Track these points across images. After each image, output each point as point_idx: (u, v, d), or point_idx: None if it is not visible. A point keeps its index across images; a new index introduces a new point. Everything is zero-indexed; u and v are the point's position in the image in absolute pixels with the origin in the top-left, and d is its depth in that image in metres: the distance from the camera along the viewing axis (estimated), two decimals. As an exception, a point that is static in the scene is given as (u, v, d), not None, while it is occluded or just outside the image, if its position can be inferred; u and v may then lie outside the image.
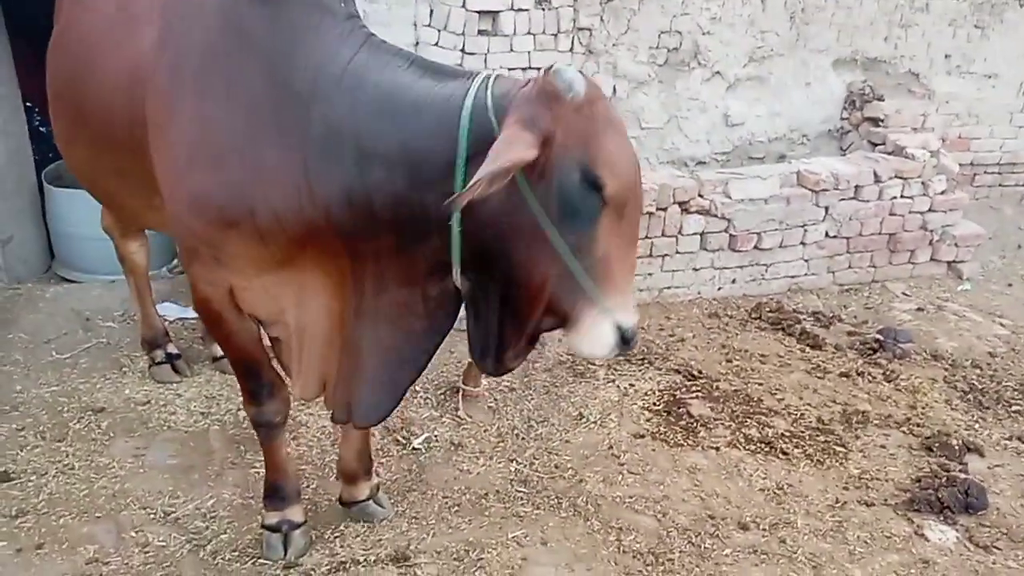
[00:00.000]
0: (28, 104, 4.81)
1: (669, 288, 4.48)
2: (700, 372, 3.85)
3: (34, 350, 3.72)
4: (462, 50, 4.74)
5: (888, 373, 3.96)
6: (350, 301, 2.20)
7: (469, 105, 1.88)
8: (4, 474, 2.94)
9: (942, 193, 4.82)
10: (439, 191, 1.88)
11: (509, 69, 4.83)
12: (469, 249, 1.97)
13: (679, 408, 3.57)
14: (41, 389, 3.44)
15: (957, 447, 3.40)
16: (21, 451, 3.07)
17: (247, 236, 2.10)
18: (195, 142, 2.09)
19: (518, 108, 1.82)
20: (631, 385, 3.73)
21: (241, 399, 3.29)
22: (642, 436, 3.40)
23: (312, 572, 2.64)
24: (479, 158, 1.81)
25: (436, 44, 4.71)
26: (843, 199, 4.64)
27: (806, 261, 4.71)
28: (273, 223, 2.08)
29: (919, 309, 4.68)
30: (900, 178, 4.72)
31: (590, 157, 1.81)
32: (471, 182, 1.74)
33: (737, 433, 3.45)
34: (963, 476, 3.21)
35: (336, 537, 2.79)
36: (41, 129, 5.23)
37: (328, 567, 2.65)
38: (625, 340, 1.95)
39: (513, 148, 1.76)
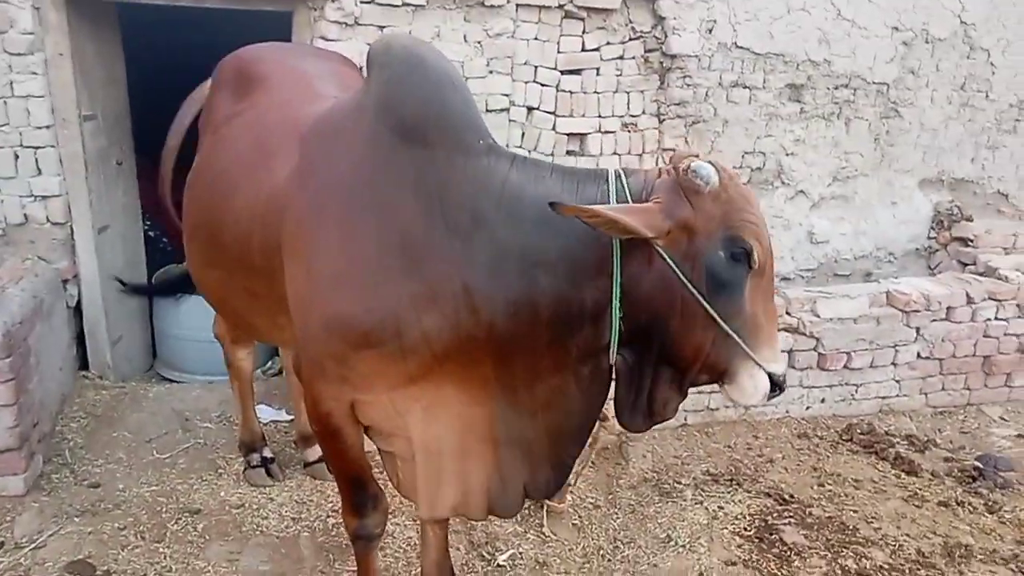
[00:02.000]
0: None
1: (756, 406, 4.42)
2: (792, 496, 3.75)
3: (136, 449, 3.87)
4: (551, 169, 4.92)
5: (990, 504, 3.78)
6: (498, 401, 2.25)
7: (613, 203, 2.05)
8: (106, 573, 3.03)
9: (1039, 316, 4.69)
10: (596, 285, 2.07)
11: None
12: (627, 331, 2.10)
13: (771, 535, 3.46)
14: (142, 488, 3.57)
15: (1073, 590, 3.20)
16: (122, 551, 3.17)
17: (387, 356, 2.18)
18: (341, 271, 2.20)
19: (658, 197, 2.02)
20: (720, 508, 3.65)
21: (332, 505, 3.40)
22: (734, 564, 3.31)
23: None
24: (631, 250, 2.02)
25: (526, 162, 4.91)
26: (935, 320, 4.56)
27: (897, 382, 4.61)
28: (420, 343, 2.17)
29: (1019, 436, 4.49)
30: (994, 300, 4.63)
31: (732, 236, 1.99)
32: (588, 207, 1.94)
33: (834, 564, 3.32)
34: (1082, 623, 3.01)
35: (423, 655, 2.77)
36: (150, 234, 5.59)
37: None
38: (777, 386, 2.09)
39: (641, 217, 1.96)
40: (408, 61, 2.23)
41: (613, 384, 2.22)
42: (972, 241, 5.27)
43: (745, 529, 3.52)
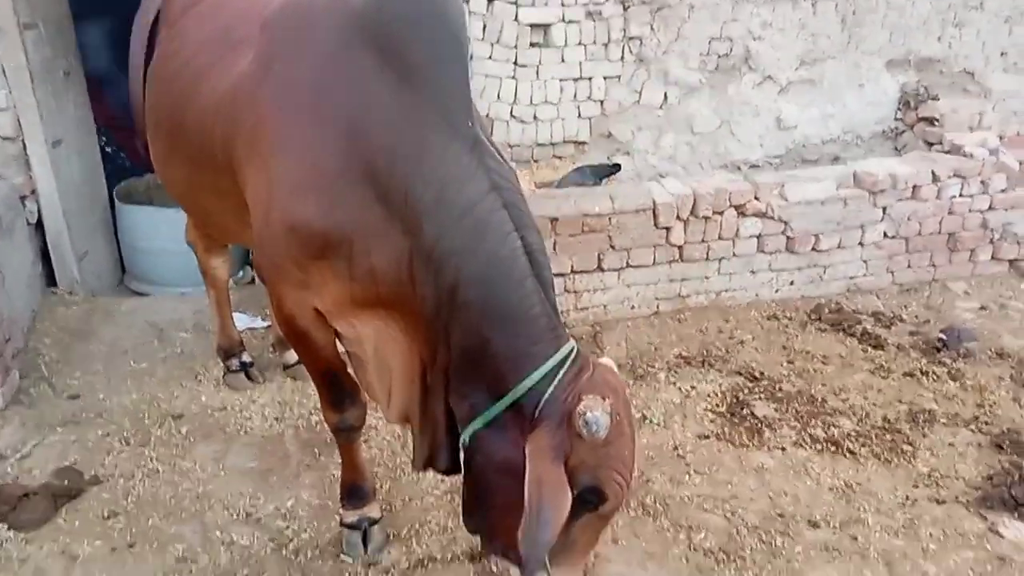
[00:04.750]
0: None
1: (727, 291, 4.50)
2: (762, 374, 3.86)
3: (113, 360, 3.87)
4: (515, 63, 4.84)
5: (953, 372, 3.92)
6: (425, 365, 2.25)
7: (536, 376, 1.98)
8: (94, 478, 3.08)
9: (1002, 191, 4.76)
10: (479, 392, 2.05)
11: (560, 80, 4.93)
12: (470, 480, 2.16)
13: (743, 409, 3.58)
14: (123, 397, 3.58)
15: (1029, 445, 3.36)
16: (108, 455, 3.21)
17: (338, 274, 2.17)
18: (302, 178, 2.15)
19: (551, 428, 1.92)
20: (692, 387, 3.76)
21: (314, 404, 3.45)
22: (707, 437, 3.42)
23: (391, 569, 2.71)
24: (512, 408, 2.00)
25: (490, 58, 4.82)
26: (901, 199, 4.61)
27: (865, 262, 4.69)
28: (367, 276, 2.15)
29: (982, 308, 4.62)
30: (959, 177, 4.68)
31: (593, 487, 1.92)
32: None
33: (803, 433, 3.45)
34: (1036, 474, 3.17)
35: (412, 536, 2.86)
36: (107, 149, 5.45)
37: (407, 564, 2.72)
38: None
39: (558, 498, 1.86)
40: None
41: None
42: (938, 121, 5.26)
43: (717, 406, 3.63)
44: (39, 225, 4.32)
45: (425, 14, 2.08)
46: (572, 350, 2.05)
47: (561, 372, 1.99)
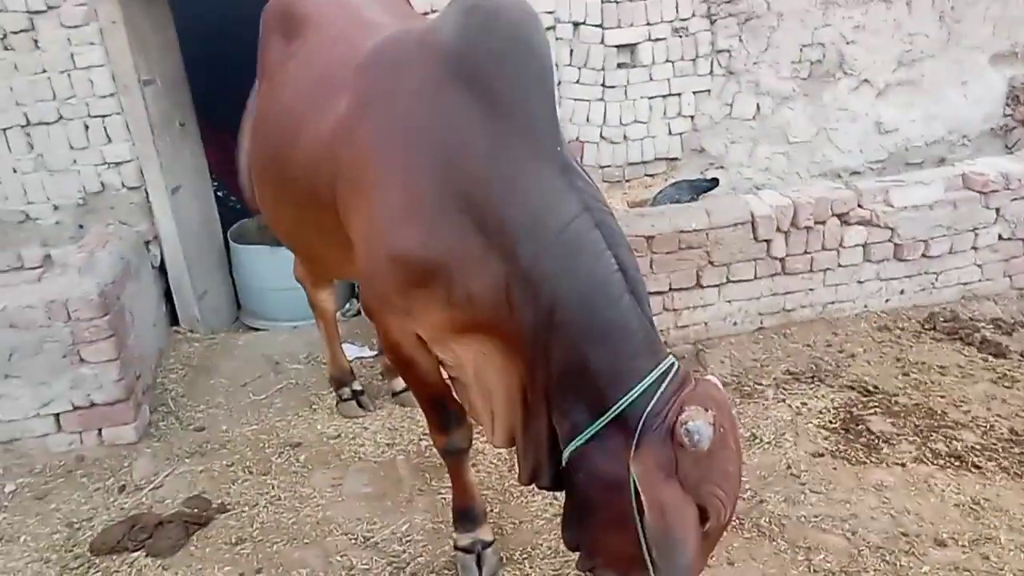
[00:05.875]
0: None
1: (833, 303, 4.37)
2: (876, 387, 3.73)
3: (234, 393, 4.08)
4: (603, 84, 4.88)
5: (1085, 379, 3.70)
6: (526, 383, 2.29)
7: (637, 391, 1.99)
8: (221, 506, 3.24)
9: None
10: (594, 398, 2.05)
11: (649, 98, 4.93)
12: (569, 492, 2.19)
13: (857, 425, 3.47)
14: (243, 428, 3.77)
15: None
16: (233, 485, 3.38)
17: (438, 300, 2.23)
18: (403, 207, 2.24)
19: (654, 444, 1.93)
20: (803, 404, 3.66)
21: (423, 430, 3.54)
22: (821, 455, 3.33)
23: (506, 592, 2.75)
24: (614, 423, 2.01)
25: (577, 81, 4.88)
26: (1015, 199, 4.39)
27: (979, 266, 4.48)
28: (465, 302, 2.21)
29: (1111, 310, 4.34)
30: (1078, 171, 4.42)
31: (696, 504, 1.89)
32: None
33: (923, 448, 3.31)
34: None
35: (524, 559, 2.90)
36: (219, 194, 5.76)
37: (521, 587, 2.76)
38: None
39: (686, 520, 1.87)
40: (502, 18, 2.16)
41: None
42: (1052, 114, 5.02)
43: (830, 422, 3.53)
44: (162, 268, 4.61)
45: (510, 47, 2.15)
46: (673, 365, 2.05)
47: (662, 386, 1.99)
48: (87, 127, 4.34)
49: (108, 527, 3.12)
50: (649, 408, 1.97)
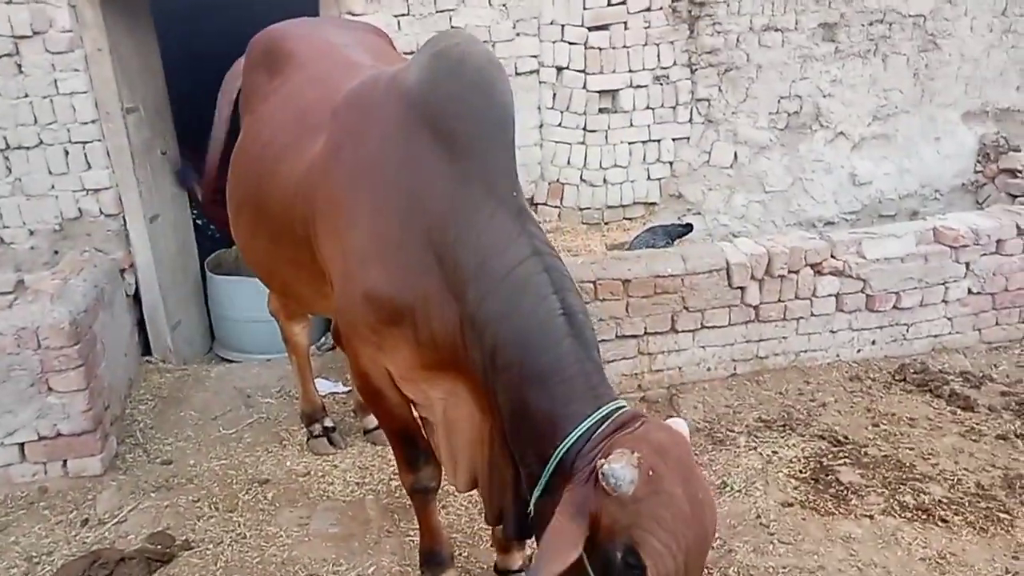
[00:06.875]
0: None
1: (806, 352, 4.41)
2: (846, 437, 3.75)
3: (203, 426, 4.03)
4: (584, 128, 4.95)
5: (1051, 435, 3.75)
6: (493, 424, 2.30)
7: (573, 437, 1.97)
8: (185, 543, 3.19)
9: (1095, 244, 4.58)
10: (539, 445, 2.04)
11: (629, 143, 5.01)
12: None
13: (827, 475, 3.48)
14: (212, 463, 3.72)
15: None
16: (198, 521, 3.32)
17: (406, 339, 2.27)
18: (371, 248, 2.29)
19: (576, 488, 1.89)
20: (774, 452, 3.68)
21: (394, 469, 3.51)
22: (791, 504, 3.34)
23: (471, 639, 2.72)
24: (559, 473, 1.98)
25: (559, 124, 4.95)
26: (985, 254, 4.48)
27: (950, 320, 4.55)
28: (429, 341, 2.25)
29: (1079, 366, 4.42)
30: (1046, 230, 4.53)
31: (630, 547, 1.81)
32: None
33: (891, 500, 3.33)
34: None
35: (491, 605, 2.87)
36: (198, 222, 5.74)
37: (486, 634, 2.72)
38: None
39: (561, 551, 1.81)
40: (466, 64, 2.22)
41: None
42: (1021, 172, 5.14)
43: (800, 471, 3.54)
44: (136, 296, 4.57)
45: (473, 92, 2.21)
46: (618, 409, 2.02)
47: (598, 430, 1.96)
48: (67, 153, 4.33)
49: (68, 562, 3.05)
50: (580, 451, 1.95)
